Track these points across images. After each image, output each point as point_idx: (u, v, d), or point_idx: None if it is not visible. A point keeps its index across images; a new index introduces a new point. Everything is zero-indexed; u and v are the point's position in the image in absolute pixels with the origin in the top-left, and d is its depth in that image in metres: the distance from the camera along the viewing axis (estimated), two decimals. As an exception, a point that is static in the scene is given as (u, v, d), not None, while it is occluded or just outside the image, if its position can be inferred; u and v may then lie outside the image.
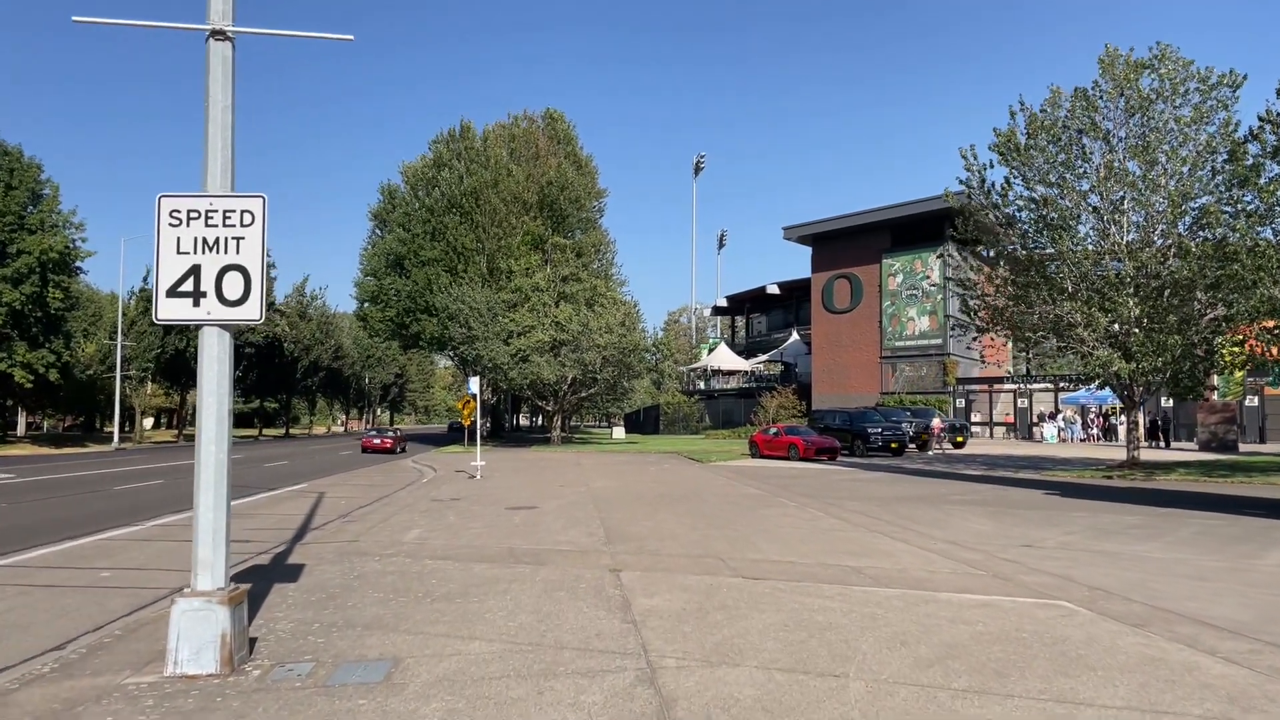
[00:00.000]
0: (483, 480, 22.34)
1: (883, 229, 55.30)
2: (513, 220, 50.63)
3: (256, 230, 6.02)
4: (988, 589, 7.93)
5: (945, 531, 11.86)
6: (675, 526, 12.59)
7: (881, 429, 30.78)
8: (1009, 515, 13.83)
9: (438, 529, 12.83)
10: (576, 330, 43.27)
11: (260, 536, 13.10)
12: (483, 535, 12.02)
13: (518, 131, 54.04)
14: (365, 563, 9.96)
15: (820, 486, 19.58)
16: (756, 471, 24.78)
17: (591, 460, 32.01)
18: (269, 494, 20.18)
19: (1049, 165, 21.28)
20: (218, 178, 6.03)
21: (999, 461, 28.01)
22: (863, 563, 9.33)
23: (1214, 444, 34.44)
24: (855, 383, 55.82)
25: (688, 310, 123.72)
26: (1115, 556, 9.80)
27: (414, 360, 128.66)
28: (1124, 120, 21.87)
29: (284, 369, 77.31)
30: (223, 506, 5.94)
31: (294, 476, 25.70)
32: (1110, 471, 21.97)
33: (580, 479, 22.55)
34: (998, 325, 23.48)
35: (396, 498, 18.61)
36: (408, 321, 51.60)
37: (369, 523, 13.92)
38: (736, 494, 17.82)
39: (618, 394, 53.97)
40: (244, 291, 5.98)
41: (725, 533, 11.81)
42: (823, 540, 11.06)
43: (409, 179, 54.21)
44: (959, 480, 21.12)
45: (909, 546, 10.49)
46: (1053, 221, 20.77)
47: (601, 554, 10.22)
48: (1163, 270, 19.84)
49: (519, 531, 12.33)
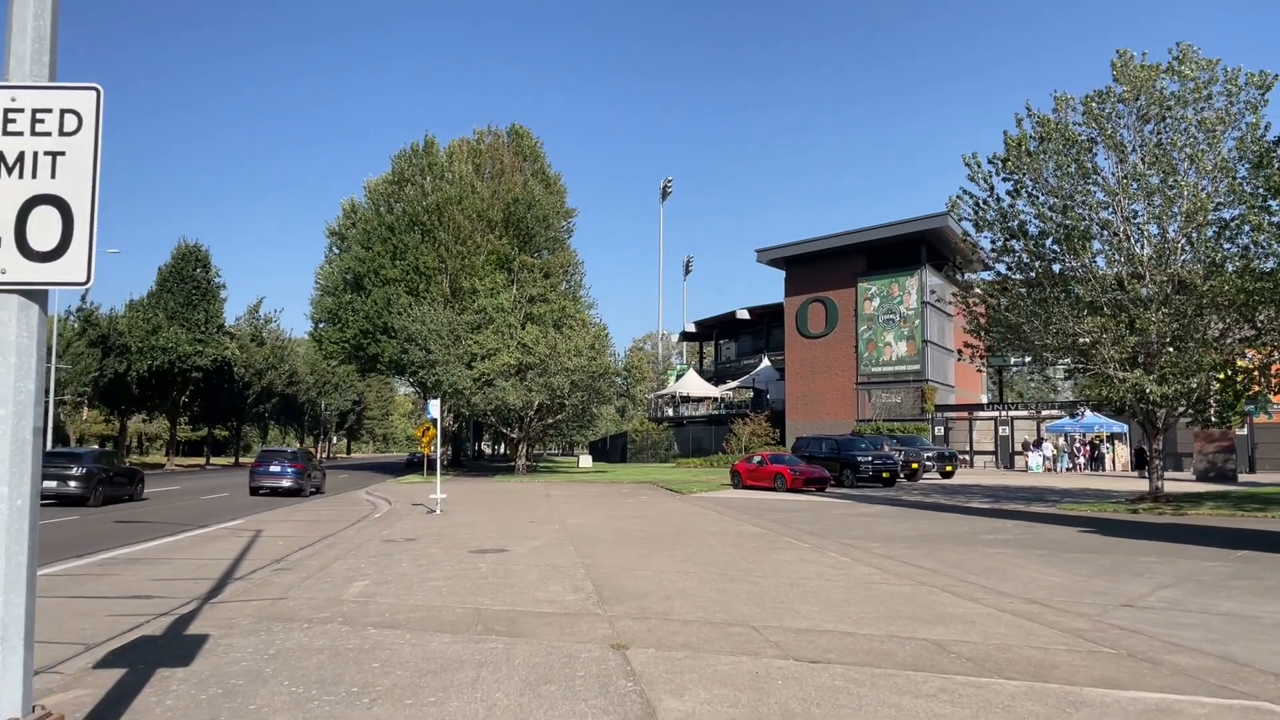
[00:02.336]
0: (443, 516, 19.91)
1: (858, 252, 53.96)
2: (477, 238, 48.35)
3: (85, 144, 3.77)
4: (1141, 679, 5.81)
5: (1011, 584, 9.77)
6: (679, 577, 10.37)
7: (872, 458, 28.83)
8: (1067, 560, 11.80)
9: (388, 580, 10.47)
10: (544, 353, 40.94)
11: (168, 590, 10.64)
12: (443, 590, 9.70)
13: (482, 147, 51.93)
14: (289, 633, 7.61)
15: (825, 523, 17.46)
16: (745, 504, 22.62)
17: (562, 491, 29.62)
18: (196, 532, 17.55)
19: (1062, 174, 19.60)
20: (26, 60, 3.77)
21: (998, 493, 26.18)
22: (941, 633, 7.19)
23: (1212, 474, 33.06)
24: (830, 409, 54.11)
25: (653, 337, 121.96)
26: (1253, 622, 7.78)
27: (372, 387, 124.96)
28: (1140, 126, 20.32)
29: (234, 395, 73.64)
30: (20, 587, 3.62)
31: (231, 511, 23.01)
32: (1134, 505, 20.16)
33: (553, 514, 20.22)
34: (1010, 345, 21.68)
35: (343, 537, 16.13)
36: (365, 343, 48.85)
37: (305, 570, 11.51)
38: (734, 532, 15.62)
39: (585, 420, 51.64)
40: (62, 238, 3.72)
41: (744, 586, 9.61)
42: (871, 598, 8.90)
43: (371, 195, 51.75)
44: (972, 515, 19.15)
45: (984, 607, 8.38)
46: (1073, 231, 19.02)
47: (596, 619, 7.97)
48: (1199, 284, 18.15)
49: (487, 584, 10.03)
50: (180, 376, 62.22)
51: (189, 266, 61.86)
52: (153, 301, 60.49)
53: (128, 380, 56.88)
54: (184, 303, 60.59)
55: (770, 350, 70.82)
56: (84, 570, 12.38)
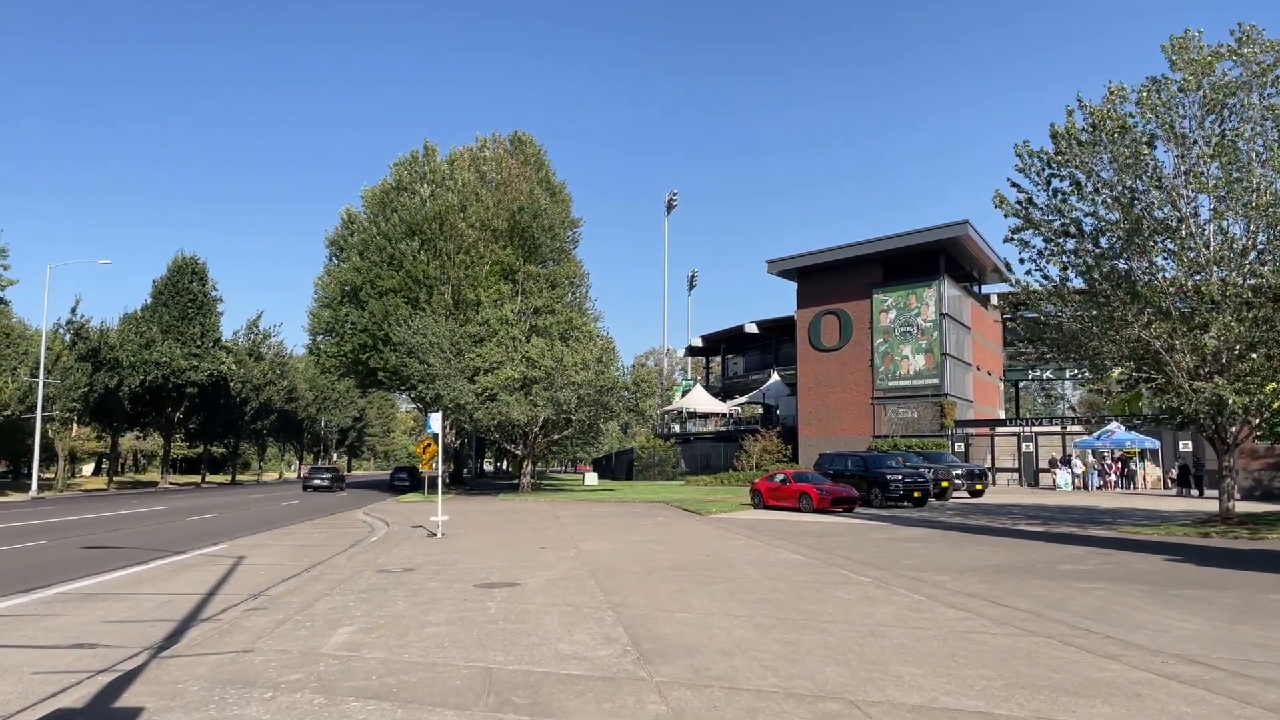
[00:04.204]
0: (445, 540, 18.13)
1: (873, 262, 52.24)
2: (481, 248, 46.67)
3: None
4: None
5: (1142, 633, 7.98)
6: (730, 622, 8.59)
7: (903, 476, 26.94)
8: (1182, 600, 9.99)
9: (378, 625, 8.71)
10: (550, 366, 39.17)
11: (117, 636, 8.92)
12: (444, 639, 7.94)
13: (485, 154, 50.34)
14: (246, 706, 5.89)
15: (871, 550, 15.64)
16: (773, 527, 20.81)
17: (571, 512, 27.80)
18: (171, 560, 15.78)
19: (1120, 166, 17.84)
20: None
21: (1041, 514, 24.33)
22: (1108, 713, 5.42)
23: (1257, 492, 31.21)
24: (845, 425, 52.25)
25: (657, 353, 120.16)
26: None
27: (374, 403, 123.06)
28: (1203, 116, 18.65)
29: (231, 411, 71.86)
30: None
31: (216, 534, 21.24)
32: (1204, 528, 18.32)
33: (565, 538, 18.42)
34: (1068, 353, 19.86)
35: (333, 566, 14.36)
36: (364, 356, 47.05)
37: (283, 610, 9.75)
38: (774, 561, 13.82)
39: (591, 436, 49.77)
40: None
41: (815, 637, 7.83)
42: (982, 655, 7.11)
43: (368, 204, 50.12)
44: (1030, 540, 17.33)
45: (1135, 670, 6.58)
46: (1138, 228, 17.22)
47: (641, 686, 6.21)
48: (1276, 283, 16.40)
49: (498, 632, 8.27)
50: (175, 392, 60.48)
51: (185, 279, 60.27)
52: (147, 315, 58.86)
53: (119, 395, 55.14)
54: (179, 316, 58.96)
55: (780, 365, 69.02)
56: (28, 610, 10.63)
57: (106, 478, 63.38)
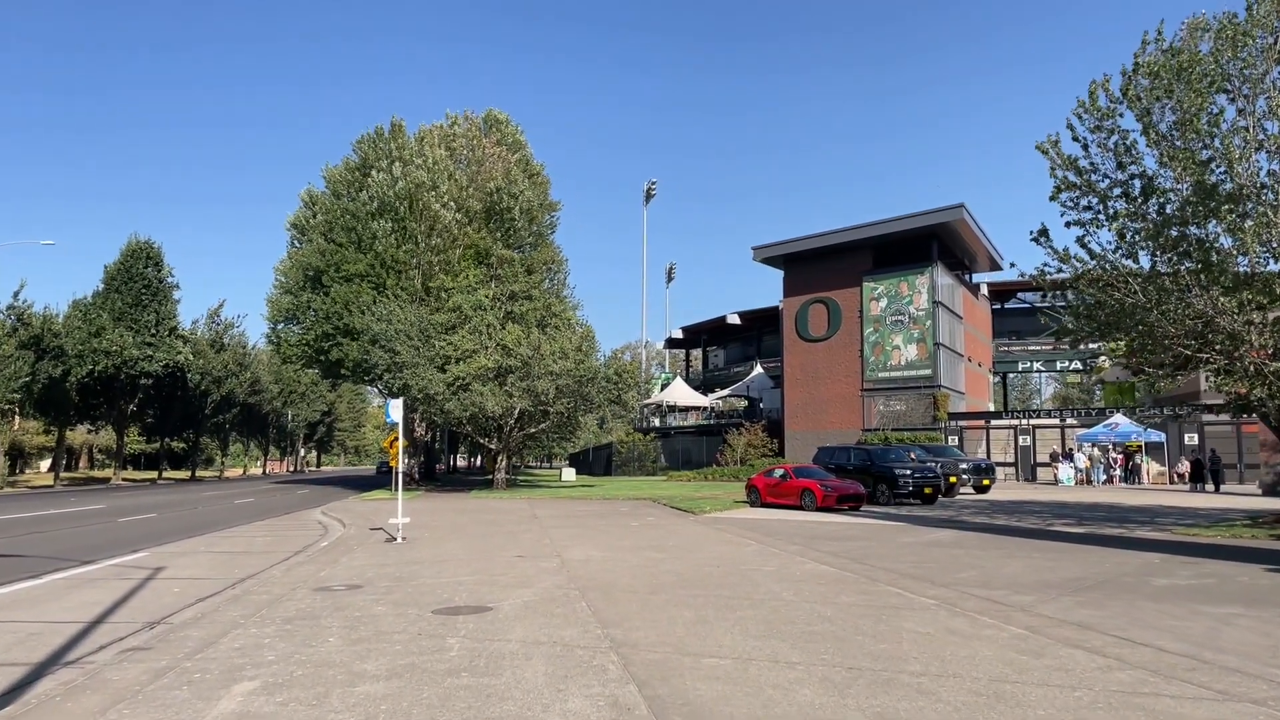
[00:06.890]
0: (405, 547, 15.59)
1: (863, 249, 50.08)
2: (454, 230, 43.96)
3: None
4: None
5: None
6: (784, 676, 6.17)
7: (912, 471, 24.68)
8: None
9: (294, 677, 6.23)
10: (526, 354, 36.56)
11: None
12: (381, 708, 5.46)
13: (457, 131, 47.58)
14: None
15: (908, 558, 13.31)
16: (779, 528, 18.46)
17: (550, 511, 25.30)
18: (73, 572, 13.12)
19: (1194, 115, 15.45)
20: None
21: (1064, 511, 22.23)
22: None
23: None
24: (833, 418, 50.08)
25: (634, 346, 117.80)
26: None
27: (343, 397, 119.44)
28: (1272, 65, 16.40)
29: (189, 404, 68.45)
30: None
31: (143, 538, 18.54)
32: (1275, 530, 16.19)
33: (545, 543, 15.94)
34: (1118, 332, 17.61)
35: (265, 580, 11.79)
36: (326, 346, 44.14)
37: (177, 649, 7.23)
38: (802, 575, 11.42)
39: (569, 430, 47.18)
40: None
41: (920, 705, 5.42)
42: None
43: (331, 183, 47.18)
44: (1080, 544, 15.11)
45: None
46: (1215, 189, 14.86)
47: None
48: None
49: (460, 691, 5.81)
50: (128, 383, 57.19)
51: (139, 264, 56.96)
52: (98, 301, 55.52)
53: (65, 386, 51.82)
54: (132, 303, 55.70)
55: (763, 357, 66.87)
56: None
57: (54, 475, 59.88)
